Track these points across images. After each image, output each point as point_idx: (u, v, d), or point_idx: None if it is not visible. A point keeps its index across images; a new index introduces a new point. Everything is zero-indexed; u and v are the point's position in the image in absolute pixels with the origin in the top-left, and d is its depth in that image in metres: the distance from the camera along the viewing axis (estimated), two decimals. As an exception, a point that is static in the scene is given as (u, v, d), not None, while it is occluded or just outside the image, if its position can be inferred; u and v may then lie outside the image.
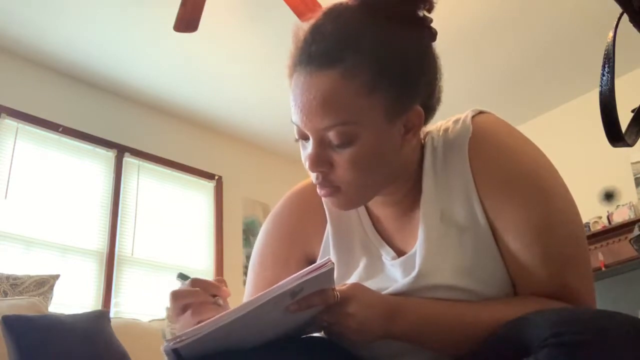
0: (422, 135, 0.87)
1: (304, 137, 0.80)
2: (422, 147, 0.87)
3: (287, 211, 0.99)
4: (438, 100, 0.84)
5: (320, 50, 0.75)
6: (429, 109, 0.82)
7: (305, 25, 0.79)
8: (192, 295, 0.74)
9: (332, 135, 0.76)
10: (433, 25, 0.81)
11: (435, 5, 0.79)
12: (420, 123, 0.80)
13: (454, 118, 0.87)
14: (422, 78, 0.79)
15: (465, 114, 0.86)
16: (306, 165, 0.80)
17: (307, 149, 0.80)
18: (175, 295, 0.75)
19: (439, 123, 0.88)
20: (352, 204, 0.85)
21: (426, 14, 0.79)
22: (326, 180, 0.80)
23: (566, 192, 0.81)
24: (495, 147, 0.81)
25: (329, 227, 0.94)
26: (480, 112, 0.86)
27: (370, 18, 0.76)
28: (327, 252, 0.93)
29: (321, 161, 0.78)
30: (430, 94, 0.81)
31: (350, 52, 0.74)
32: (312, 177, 0.82)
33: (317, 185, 0.82)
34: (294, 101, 0.78)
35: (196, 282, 0.77)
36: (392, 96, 0.76)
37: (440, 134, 0.87)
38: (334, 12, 0.78)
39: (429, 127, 0.89)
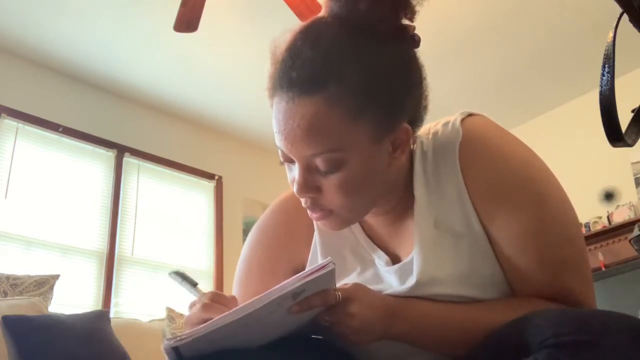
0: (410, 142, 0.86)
1: (290, 161, 0.78)
2: (412, 152, 0.85)
3: (273, 221, 0.97)
4: (425, 110, 0.81)
5: (302, 77, 0.72)
6: (417, 121, 0.80)
7: (283, 45, 0.76)
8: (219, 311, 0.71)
9: (318, 161, 0.74)
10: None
11: (417, 13, 0.76)
12: (409, 139, 0.78)
13: (443, 121, 0.85)
14: (408, 95, 0.77)
15: (455, 117, 0.84)
16: (294, 189, 0.78)
17: (293, 172, 0.79)
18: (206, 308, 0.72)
19: (428, 126, 0.86)
20: (344, 225, 0.83)
21: (408, 22, 0.77)
22: (316, 205, 0.78)
23: (560, 193, 0.80)
24: (485, 151, 0.80)
25: (316, 236, 0.92)
26: (470, 115, 0.84)
27: (351, 37, 0.73)
28: (315, 261, 0.91)
29: (309, 187, 0.76)
30: (417, 107, 0.79)
31: (333, 79, 0.71)
32: (301, 201, 0.80)
33: (307, 209, 0.80)
34: (276, 127, 0.75)
35: (218, 298, 0.75)
36: (378, 118, 0.73)
37: (430, 137, 0.85)
38: (312, 33, 0.75)
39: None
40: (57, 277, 3.01)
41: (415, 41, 0.79)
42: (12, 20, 3.53)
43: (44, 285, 2.89)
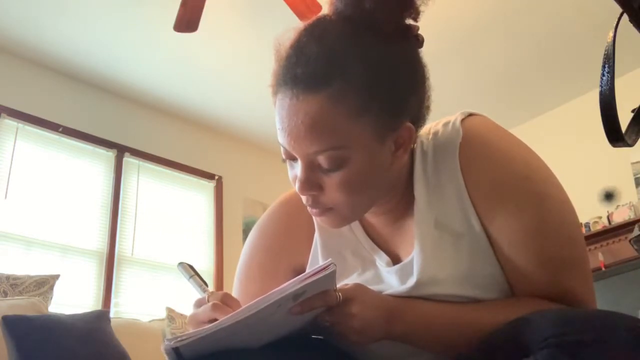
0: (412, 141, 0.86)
1: (292, 158, 0.78)
2: (412, 151, 0.85)
3: (273, 222, 0.97)
4: (428, 109, 0.81)
5: (307, 73, 0.72)
6: (419, 121, 0.80)
7: (287, 42, 0.76)
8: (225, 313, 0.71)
9: (321, 159, 0.74)
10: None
11: (421, 13, 0.76)
12: (411, 138, 0.78)
13: (443, 121, 0.85)
14: (412, 95, 0.77)
15: (455, 117, 0.84)
16: (295, 187, 0.78)
17: (295, 169, 0.79)
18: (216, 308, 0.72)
19: (428, 126, 0.86)
20: (345, 223, 0.83)
21: (412, 22, 0.77)
22: (317, 202, 0.78)
23: (561, 193, 0.80)
24: (486, 151, 0.80)
25: (316, 236, 0.92)
26: (470, 115, 0.84)
27: (356, 35, 0.73)
28: (316, 262, 0.91)
29: (311, 185, 0.76)
30: (420, 106, 0.79)
31: (338, 76, 0.71)
32: (302, 199, 0.80)
33: (308, 206, 0.80)
34: (280, 123, 0.75)
35: (228, 300, 0.74)
36: (382, 117, 0.73)
37: (430, 137, 0.85)
38: (317, 30, 0.75)
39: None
40: (57, 277, 3.01)
41: (419, 41, 0.79)
42: (12, 20, 3.53)
43: (44, 285, 2.89)
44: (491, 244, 0.79)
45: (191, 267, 0.83)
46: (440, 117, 0.87)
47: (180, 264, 0.83)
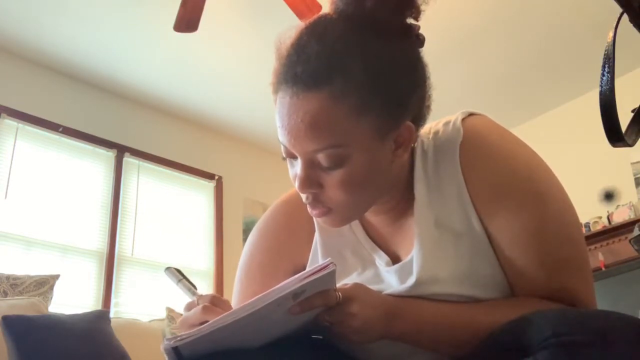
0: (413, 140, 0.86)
1: (292, 156, 0.78)
2: (412, 151, 0.85)
3: (273, 222, 0.97)
4: (428, 109, 0.81)
5: (307, 72, 0.72)
6: (420, 120, 0.80)
7: (288, 41, 0.76)
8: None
9: (321, 157, 0.74)
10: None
11: (422, 12, 0.76)
12: (412, 138, 0.78)
13: (443, 120, 0.85)
14: (413, 94, 0.77)
15: (456, 116, 0.84)
16: (295, 185, 0.78)
17: (295, 167, 0.79)
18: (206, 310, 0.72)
19: (428, 125, 0.86)
20: (345, 222, 0.84)
21: (413, 21, 0.77)
22: (317, 201, 0.78)
23: (561, 193, 0.80)
24: (486, 151, 0.80)
25: (317, 236, 0.92)
26: (471, 114, 0.84)
27: (357, 34, 0.73)
28: (316, 261, 0.91)
29: (311, 183, 0.76)
30: (421, 106, 0.79)
31: (338, 75, 0.71)
32: (302, 197, 0.80)
33: (308, 205, 0.80)
34: (280, 122, 0.75)
35: (218, 301, 0.74)
36: (382, 116, 0.73)
37: (430, 137, 0.85)
38: (318, 29, 0.75)
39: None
40: (57, 277, 3.01)
41: (419, 40, 0.79)
42: (12, 20, 3.53)
43: (44, 285, 2.89)
44: (491, 243, 0.79)
45: (179, 271, 0.83)
46: (441, 116, 0.87)
47: (168, 269, 0.83)
